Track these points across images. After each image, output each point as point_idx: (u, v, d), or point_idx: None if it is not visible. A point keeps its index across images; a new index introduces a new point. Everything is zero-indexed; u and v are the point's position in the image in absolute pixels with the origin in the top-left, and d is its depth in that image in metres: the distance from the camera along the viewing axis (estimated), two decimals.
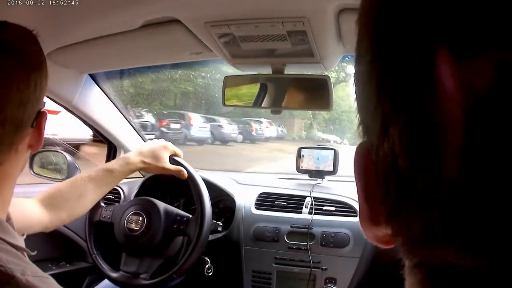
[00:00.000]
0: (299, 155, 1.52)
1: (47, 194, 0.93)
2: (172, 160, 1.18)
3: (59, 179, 1.51)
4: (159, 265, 1.25)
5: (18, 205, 0.84)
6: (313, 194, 1.41)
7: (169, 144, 1.21)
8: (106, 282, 1.41)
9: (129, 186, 1.50)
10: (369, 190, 0.25)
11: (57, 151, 1.53)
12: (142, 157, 1.11)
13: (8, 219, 0.60)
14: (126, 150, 1.61)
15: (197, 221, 1.20)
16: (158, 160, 1.13)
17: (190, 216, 1.24)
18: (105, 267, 1.27)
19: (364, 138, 0.25)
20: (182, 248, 1.28)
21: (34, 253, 0.58)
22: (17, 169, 0.60)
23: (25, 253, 0.56)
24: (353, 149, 0.26)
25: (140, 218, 1.23)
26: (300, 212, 1.38)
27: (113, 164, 1.05)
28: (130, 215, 1.24)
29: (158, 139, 1.24)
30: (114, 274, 1.24)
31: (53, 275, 0.51)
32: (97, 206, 1.29)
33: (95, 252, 1.29)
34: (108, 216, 1.30)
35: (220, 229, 1.34)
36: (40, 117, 0.60)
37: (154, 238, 1.21)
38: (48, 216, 0.90)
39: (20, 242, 0.56)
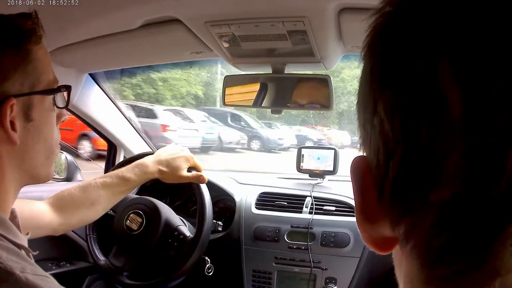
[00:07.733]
0: (299, 155, 1.52)
1: (59, 197, 0.91)
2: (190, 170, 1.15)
3: (59, 179, 1.51)
4: (150, 267, 1.25)
5: (27, 206, 0.83)
6: (314, 194, 1.41)
7: (189, 155, 1.14)
8: (105, 282, 1.41)
9: None
10: (365, 181, 0.25)
11: None
12: (160, 166, 1.06)
13: (14, 217, 0.59)
14: (126, 150, 1.62)
15: (192, 242, 1.19)
16: (176, 170, 1.09)
17: (188, 235, 1.21)
18: (95, 250, 1.27)
19: (363, 152, 0.26)
20: (178, 250, 1.26)
21: (35, 253, 0.58)
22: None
23: (29, 254, 0.55)
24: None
25: (140, 220, 1.22)
26: (301, 212, 1.38)
27: (129, 172, 1.00)
28: (131, 213, 1.24)
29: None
30: (100, 261, 1.25)
31: (53, 275, 0.51)
32: None
33: (90, 234, 1.29)
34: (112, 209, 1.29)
35: (220, 228, 1.33)
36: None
37: (148, 242, 1.21)
38: (57, 220, 0.88)
39: (23, 241, 0.55)
